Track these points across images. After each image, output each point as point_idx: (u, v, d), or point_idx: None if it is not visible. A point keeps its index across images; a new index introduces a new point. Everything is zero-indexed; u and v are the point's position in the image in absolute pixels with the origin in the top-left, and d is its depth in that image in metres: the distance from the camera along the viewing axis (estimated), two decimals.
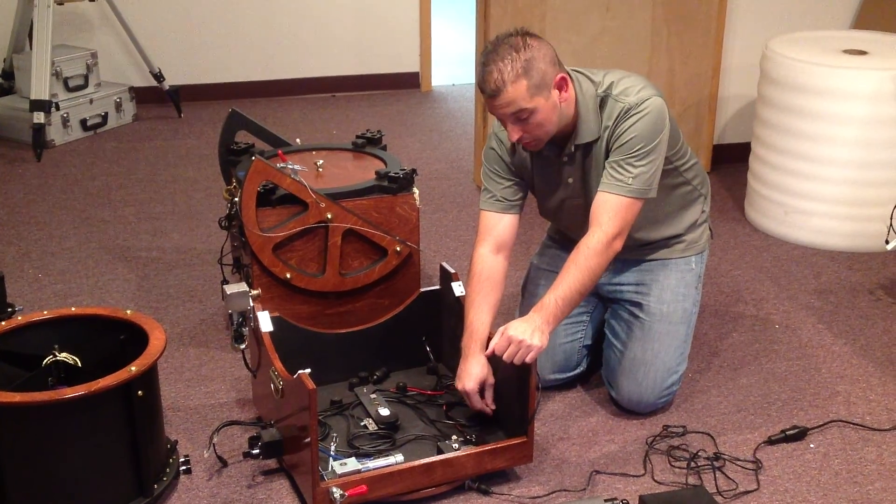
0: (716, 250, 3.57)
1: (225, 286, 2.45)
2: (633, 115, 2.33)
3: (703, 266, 2.70)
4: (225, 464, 2.36)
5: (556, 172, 2.48)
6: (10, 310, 2.82)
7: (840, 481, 2.33)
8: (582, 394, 2.70)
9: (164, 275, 3.39)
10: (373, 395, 2.51)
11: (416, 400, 2.50)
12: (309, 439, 2.05)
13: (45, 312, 2.34)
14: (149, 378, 2.15)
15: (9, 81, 4.95)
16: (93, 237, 3.70)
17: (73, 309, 2.36)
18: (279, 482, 2.31)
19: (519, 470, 2.34)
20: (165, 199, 4.09)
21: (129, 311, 2.32)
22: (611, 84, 2.37)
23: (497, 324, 2.34)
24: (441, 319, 2.62)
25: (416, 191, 2.74)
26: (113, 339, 2.30)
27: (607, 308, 2.69)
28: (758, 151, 3.82)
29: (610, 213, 2.31)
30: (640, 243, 2.59)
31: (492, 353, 2.24)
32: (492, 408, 2.36)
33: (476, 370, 2.33)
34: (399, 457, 2.24)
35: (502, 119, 2.32)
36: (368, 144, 3.02)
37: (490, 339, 2.26)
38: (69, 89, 4.79)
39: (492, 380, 2.35)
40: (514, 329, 2.19)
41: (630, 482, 2.32)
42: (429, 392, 2.53)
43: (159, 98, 5.22)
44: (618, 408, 2.61)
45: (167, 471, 2.27)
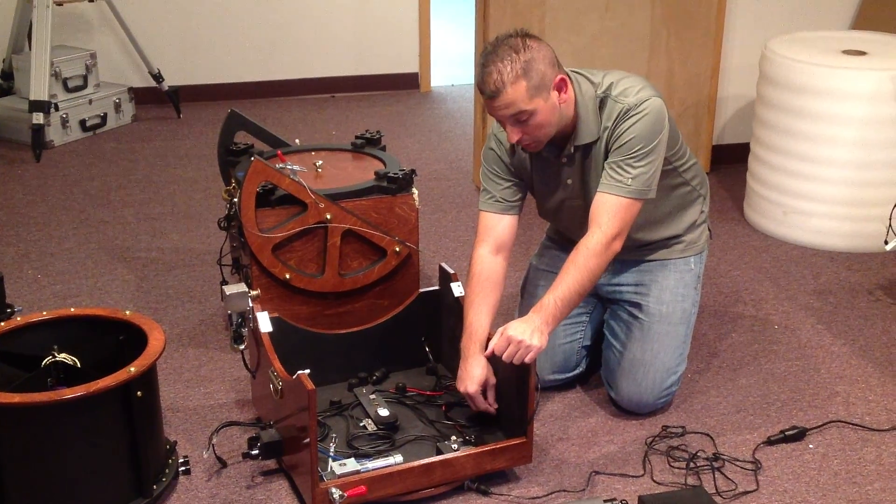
0: (715, 251, 3.57)
1: (224, 287, 2.45)
2: (632, 116, 2.33)
3: (703, 266, 2.70)
4: (224, 464, 2.36)
5: (555, 173, 2.48)
6: (9, 310, 2.83)
7: (839, 482, 2.34)
8: (581, 394, 2.70)
9: (163, 275, 3.39)
10: (372, 396, 2.51)
11: (415, 400, 2.50)
12: (308, 440, 2.05)
13: (45, 313, 2.34)
14: (148, 379, 2.15)
15: (8, 82, 4.94)
16: (92, 238, 3.70)
17: (73, 310, 2.36)
18: (278, 483, 2.31)
19: (518, 470, 2.34)
20: (164, 199, 4.09)
21: (128, 312, 2.32)
22: (610, 85, 2.37)
23: (496, 324, 2.33)
24: (440, 320, 2.62)
25: (415, 191, 2.74)
26: (112, 340, 2.30)
27: (606, 308, 2.69)
28: (757, 152, 3.81)
29: (609, 214, 2.31)
30: (640, 244, 2.59)
31: (491, 354, 2.24)
32: (494, 407, 2.36)
33: (477, 372, 2.33)
34: (398, 457, 2.24)
35: (501, 121, 2.32)
36: (368, 145, 3.02)
37: (489, 339, 2.27)
38: (68, 90, 4.79)
39: (493, 380, 2.35)
40: (513, 329, 2.19)
41: (629, 483, 2.32)
42: (428, 392, 2.53)
43: (158, 99, 5.22)
44: (617, 408, 2.61)
45: (166, 471, 2.27)
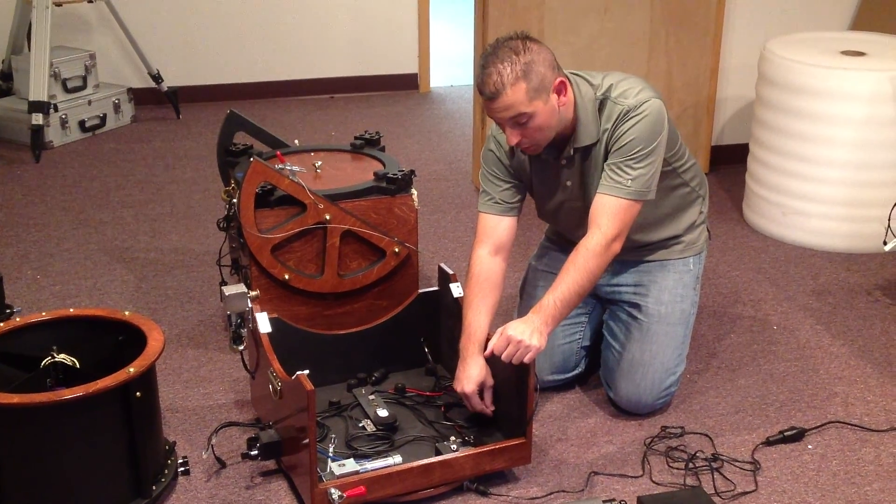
0: (714, 251, 3.57)
1: (223, 287, 2.45)
2: (632, 118, 2.33)
3: (702, 267, 2.70)
4: (223, 465, 2.36)
5: (554, 175, 2.48)
6: (8, 311, 2.83)
7: (838, 482, 2.34)
8: (580, 395, 2.70)
9: (162, 276, 3.39)
10: (371, 397, 2.51)
11: (414, 401, 2.50)
12: (307, 440, 2.05)
13: (44, 313, 2.34)
14: (147, 379, 2.15)
15: (7, 83, 4.94)
16: (91, 238, 3.70)
17: (72, 310, 2.36)
18: (277, 483, 2.31)
19: (517, 471, 2.34)
20: (164, 200, 4.09)
21: (127, 313, 2.32)
22: (610, 86, 2.37)
23: (495, 325, 2.33)
24: (439, 320, 2.62)
25: (414, 192, 2.74)
26: (111, 341, 2.30)
27: (606, 309, 2.69)
28: (756, 152, 3.82)
29: (609, 215, 2.32)
30: (639, 244, 2.59)
31: (490, 354, 2.24)
32: (491, 409, 2.37)
33: (475, 372, 2.33)
34: (397, 458, 2.24)
35: (501, 123, 2.31)
36: (367, 145, 3.02)
37: (489, 340, 2.27)
38: (67, 90, 4.79)
39: (491, 381, 2.35)
40: (512, 329, 2.19)
41: (628, 483, 2.32)
42: (427, 393, 2.53)
43: (158, 99, 5.22)
44: (616, 409, 2.61)
45: (165, 472, 2.27)
